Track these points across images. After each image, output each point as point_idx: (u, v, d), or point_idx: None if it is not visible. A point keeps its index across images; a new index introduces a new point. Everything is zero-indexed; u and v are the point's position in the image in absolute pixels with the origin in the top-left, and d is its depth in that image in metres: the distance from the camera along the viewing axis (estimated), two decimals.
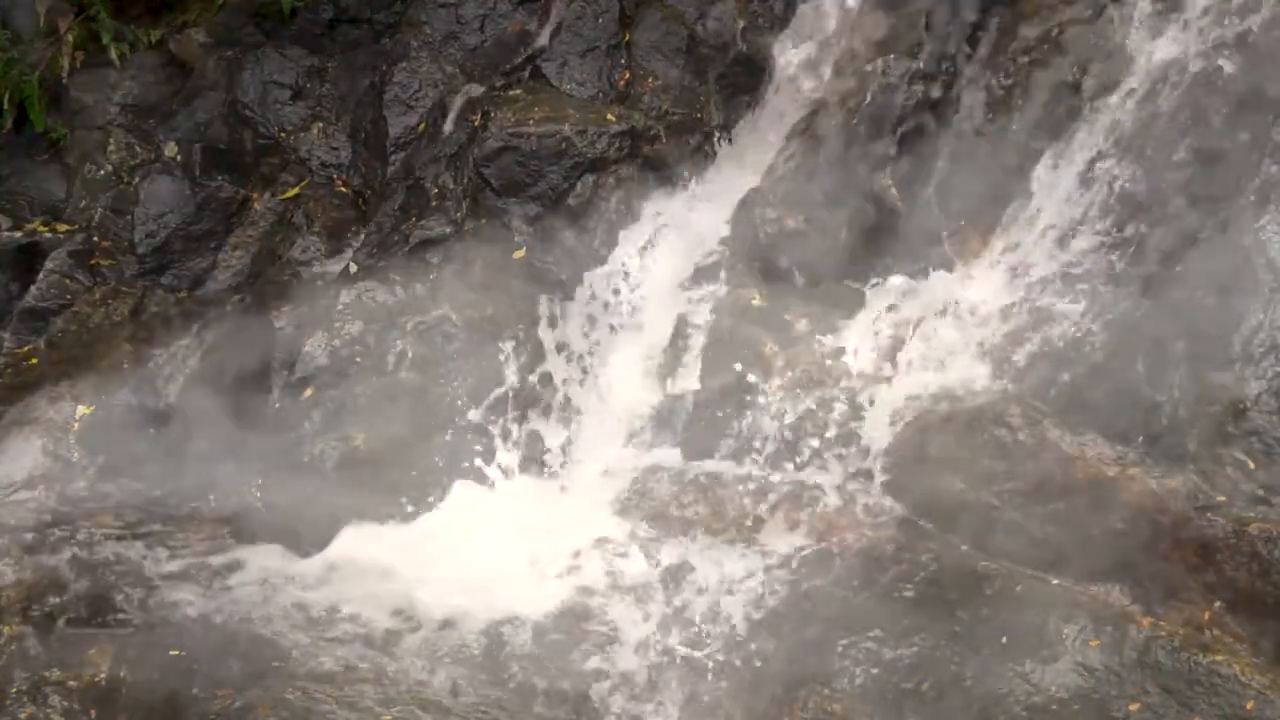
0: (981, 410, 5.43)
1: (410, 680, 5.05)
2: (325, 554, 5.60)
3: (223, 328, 6.38)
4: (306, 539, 5.67)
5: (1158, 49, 5.89)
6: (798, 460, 5.66)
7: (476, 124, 6.62)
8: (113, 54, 6.96)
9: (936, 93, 6.17)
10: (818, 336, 5.91)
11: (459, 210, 6.50)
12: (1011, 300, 5.73)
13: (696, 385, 5.97)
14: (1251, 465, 5.09)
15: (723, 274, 6.19)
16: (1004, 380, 5.54)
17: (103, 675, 4.95)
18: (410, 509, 5.81)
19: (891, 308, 5.88)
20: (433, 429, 6.01)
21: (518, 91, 6.76)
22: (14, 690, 4.86)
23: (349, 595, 5.36)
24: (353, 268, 6.52)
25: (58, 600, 5.26)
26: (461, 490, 5.88)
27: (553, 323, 6.18)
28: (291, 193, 6.85)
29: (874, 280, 5.98)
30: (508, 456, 5.96)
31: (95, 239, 6.72)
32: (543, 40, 6.86)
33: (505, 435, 5.99)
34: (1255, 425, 5.14)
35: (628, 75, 6.77)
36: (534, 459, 5.97)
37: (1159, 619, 4.89)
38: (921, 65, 6.20)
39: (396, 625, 5.26)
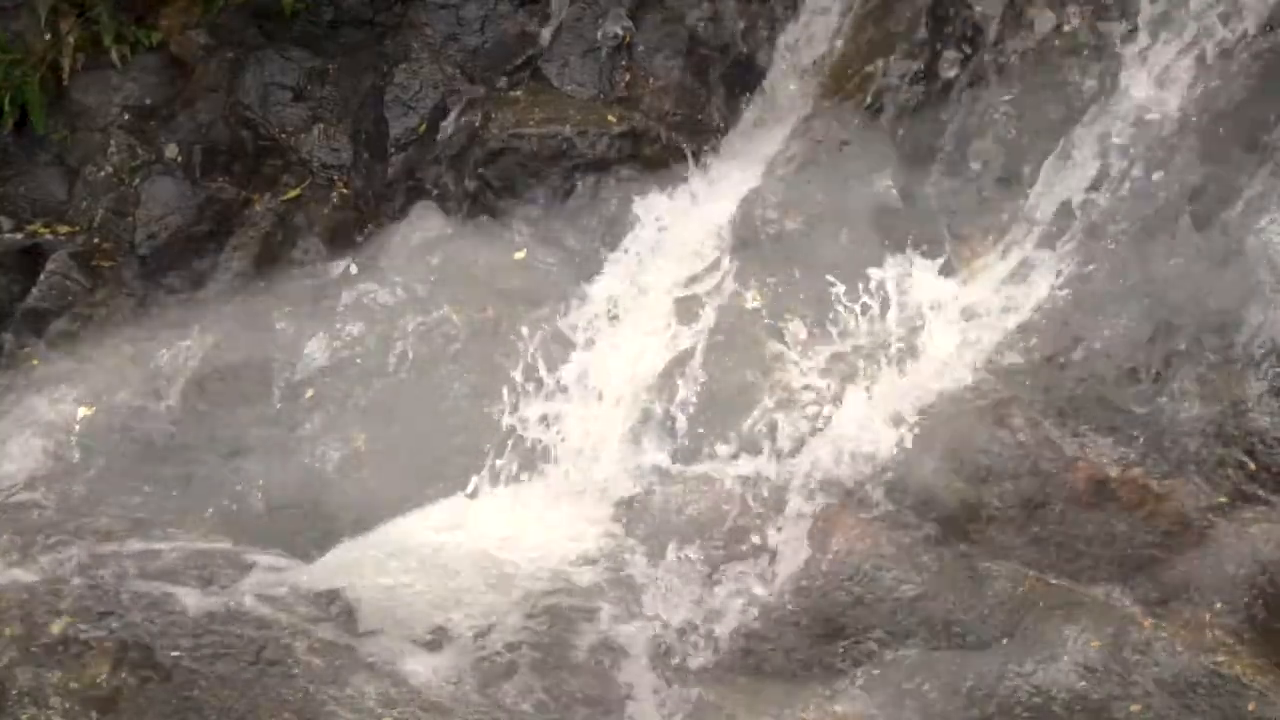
0: (982, 410, 5.43)
1: (412, 681, 5.06)
2: (326, 556, 5.60)
3: (223, 329, 6.38)
4: (307, 541, 5.68)
5: (1159, 50, 5.89)
6: (797, 461, 5.66)
7: (477, 125, 6.62)
8: (114, 55, 6.96)
9: (937, 93, 6.17)
10: (818, 337, 5.91)
11: (459, 211, 6.51)
12: (1012, 301, 5.73)
13: (696, 386, 5.97)
14: (1253, 466, 5.09)
15: (723, 274, 6.19)
16: (1004, 380, 5.54)
17: (103, 677, 4.95)
18: (410, 511, 5.80)
19: (892, 309, 5.88)
20: (434, 431, 6.01)
21: (518, 93, 6.77)
22: (15, 692, 4.86)
23: (349, 596, 5.36)
24: (353, 269, 6.53)
25: (59, 602, 5.26)
26: (462, 492, 5.88)
27: (553, 324, 6.18)
28: (292, 194, 6.85)
29: (875, 281, 5.97)
30: (507, 458, 5.96)
31: (96, 240, 6.72)
32: (543, 41, 6.87)
33: (505, 437, 5.99)
34: (1256, 426, 5.14)
35: (628, 76, 6.78)
36: (533, 461, 5.97)
37: (1160, 620, 4.89)
38: (922, 66, 6.21)
39: (395, 628, 5.26)
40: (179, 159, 6.92)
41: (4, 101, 6.79)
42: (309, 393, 6.12)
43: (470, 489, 5.90)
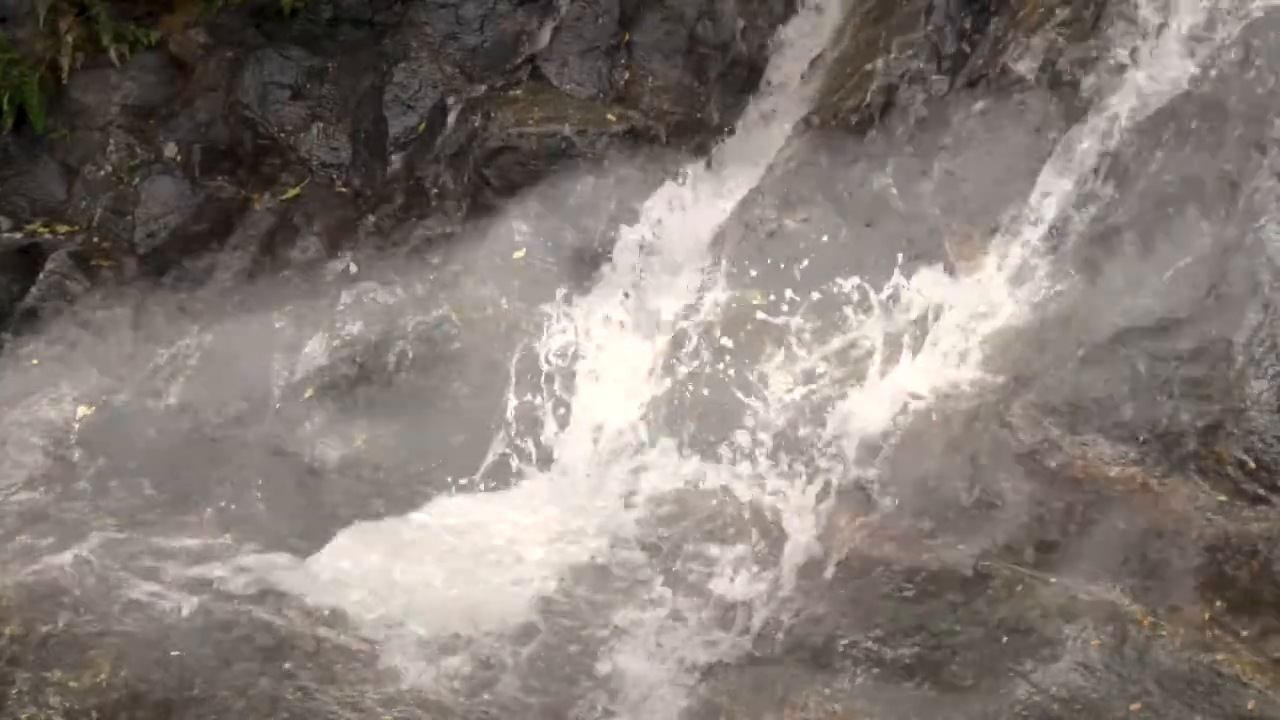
0: (981, 410, 5.43)
1: (411, 680, 5.06)
2: (324, 554, 5.60)
3: (223, 328, 6.38)
4: (306, 539, 5.68)
5: (1160, 49, 5.89)
6: (797, 460, 5.66)
7: (477, 124, 6.62)
8: (113, 55, 6.96)
9: (936, 92, 6.17)
10: (818, 336, 5.91)
11: (459, 210, 6.51)
12: (1012, 299, 5.73)
13: (697, 386, 5.97)
14: (1252, 465, 5.09)
15: (723, 274, 6.19)
16: (1004, 380, 5.54)
17: (103, 676, 4.95)
18: (409, 510, 5.81)
19: (892, 307, 5.88)
20: (434, 430, 6.01)
21: (518, 92, 6.76)
22: (15, 691, 4.86)
23: (348, 596, 5.37)
24: (353, 268, 6.53)
25: (59, 602, 5.26)
26: (460, 490, 5.88)
27: (552, 323, 6.18)
28: (292, 193, 6.85)
29: (874, 280, 5.97)
30: (506, 457, 5.96)
31: (95, 240, 6.72)
32: (543, 40, 6.87)
33: (504, 436, 5.99)
34: (1256, 425, 5.13)
35: (628, 75, 6.78)
36: (531, 460, 5.97)
37: (1160, 618, 4.89)
38: (921, 65, 6.20)
39: (395, 627, 5.27)
40: (178, 158, 6.92)
41: (3, 101, 6.79)
42: (308, 392, 6.12)
43: (471, 488, 5.90)
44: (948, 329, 5.76)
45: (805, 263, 6.10)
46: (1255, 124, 5.56)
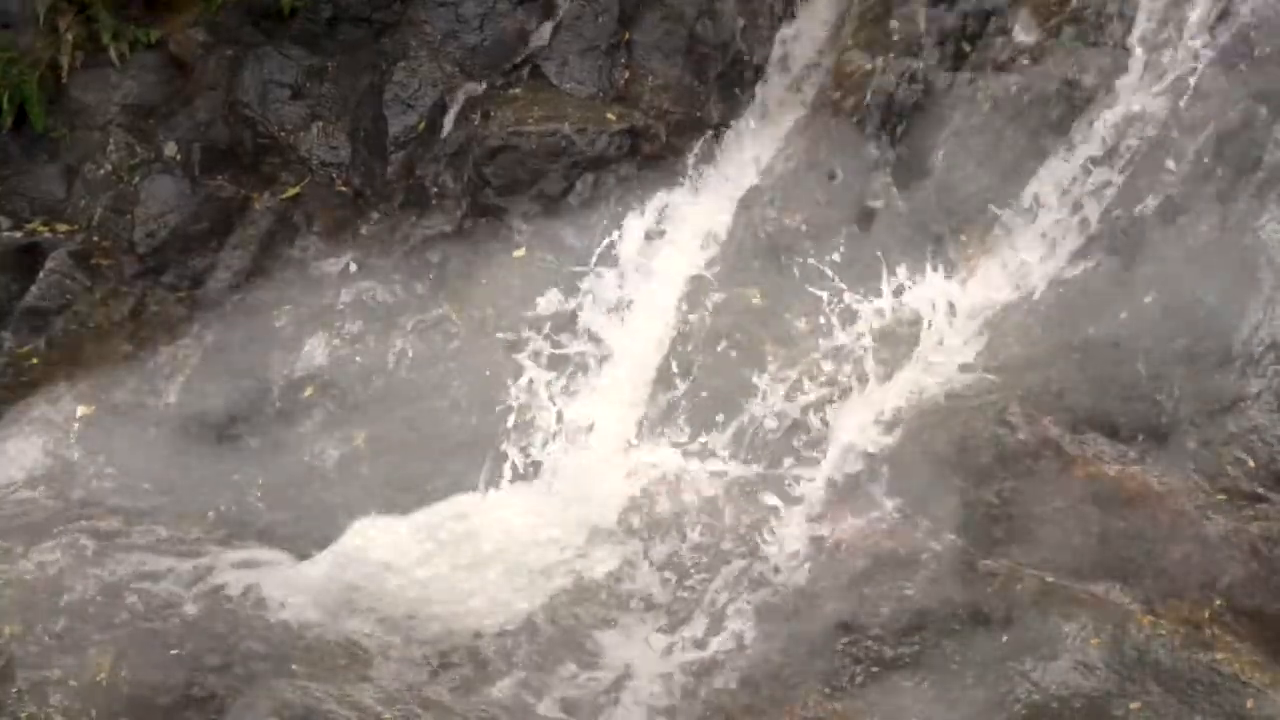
0: (982, 409, 5.44)
1: (411, 680, 5.06)
2: (324, 554, 5.61)
3: (223, 327, 6.38)
4: (306, 539, 5.69)
5: (1158, 49, 5.89)
6: (797, 459, 5.67)
7: (476, 123, 6.62)
8: (113, 54, 6.94)
9: (936, 92, 6.17)
10: (818, 335, 5.91)
11: (459, 209, 6.51)
12: (1011, 299, 5.73)
13: (696, 384, 5.97)
14: (1252, 464, 5.09)
15: (723, 273, 6.19)
16: (1004, 379, 5.54)
17: (103, 675, 4.96)
18: (409, 509, 5.81)
19: (891, 307, 5.89)
20: (432, 428, 6.01)
21: (517, 90, 6.76)
22: (15, 690, 4.87)
23: (348, 595, 5.37)
24: (353, 267, 6.53)
25: (59, 601, 5.27)
26: (460, 489, 5.88)
27: (552, 322, 6.19)
28: (291, 192, 6.84)
29: (873, 280, 5.98)
30: (505, 456, 5.97)
31: (95, 239, 6.70)
32: (542, 39, 6.86)
33: (506, 433, 6.00)
34: (1256, 423, 5.14)
35: (627, 74, 6.77)
36: (531, 459, 5.98)
37: (1159, 617, 4.90)
38: (920, 64, 6.20)
39: (395, 626, 5.27)
40: (178, 157, 6.91)
41: (3, 100, 6.78)
42: (308, 390, 6.13)
43: (470, 488, 5.90)
44: (947, 328, 5.77)
45: (804, 262, 6.10)
46: (1255, 123, 5.57)
